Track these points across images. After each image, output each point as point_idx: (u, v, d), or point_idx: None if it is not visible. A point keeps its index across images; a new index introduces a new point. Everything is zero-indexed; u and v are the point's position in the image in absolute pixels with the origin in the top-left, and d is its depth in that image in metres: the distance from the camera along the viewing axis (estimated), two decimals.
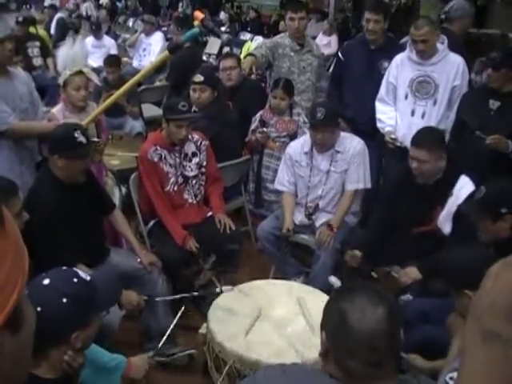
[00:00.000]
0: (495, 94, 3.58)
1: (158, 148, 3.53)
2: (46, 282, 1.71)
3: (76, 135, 2.80)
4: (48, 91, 6.22)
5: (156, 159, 3.52)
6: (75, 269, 1.84)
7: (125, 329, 2.86)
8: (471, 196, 2.84)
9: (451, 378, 1.87)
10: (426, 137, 3.22)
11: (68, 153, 2.79)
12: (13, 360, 0.67)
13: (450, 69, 3.88)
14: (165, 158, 3.55)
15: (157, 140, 3.59)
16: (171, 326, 2.75)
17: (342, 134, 3.74)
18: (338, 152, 3.67)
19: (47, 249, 2.60)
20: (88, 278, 1.81)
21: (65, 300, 1.68)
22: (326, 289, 3.07)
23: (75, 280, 1.75)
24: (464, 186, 3.03)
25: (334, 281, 3.28)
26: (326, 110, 3.52)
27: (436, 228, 3.12)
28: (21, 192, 2.54)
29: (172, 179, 3.59)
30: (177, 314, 2.99)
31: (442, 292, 2.61)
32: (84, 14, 11.55)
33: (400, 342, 1.38)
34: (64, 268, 1.82)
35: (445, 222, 3.06)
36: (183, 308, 2.88)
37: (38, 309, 1.59)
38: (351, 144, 3.68)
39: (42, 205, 2.77)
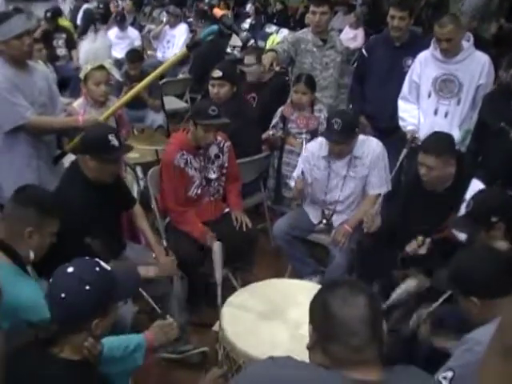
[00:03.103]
0: None
1: (185, 153, 3.50)
2: (70, 269, 1.78)
3: (110, 138, 2.81)
4: (71, 82, 6.27)
5: (182, 164, 3.50)
6: (97, 259, 1.90)
7: (138, 324, 2.86)
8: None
9: (444, 378, 1.92)
10: (435, 143, 3.15)
11: (100, 155, 2.80)
12: None
13: (475, 67, 3.80)
14: (190, 162, 3.53)
15: (182, 143, 3.54)
16: None
17: (360, 137, 3.60)
18: (357, 157, 3.57)
19: (75, 245, 2.61)
20: (109, 268, 1.88)
21: (88, 287, 1.74)
22: None
23: (97, 269, 1.81)
24: (476, 190, 2.96)
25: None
26: (342, 122, 3.37)
27: (451, 234, 3.07)
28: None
29: (196, 182, 3.58)
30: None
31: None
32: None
33: (382, 331, 1.45)
34: (87, 258, 1.89)
35: None
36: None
37: (62, 295, 1.71)
38: (369, 148, 3.58)
39: (72, 204, 2.75)
